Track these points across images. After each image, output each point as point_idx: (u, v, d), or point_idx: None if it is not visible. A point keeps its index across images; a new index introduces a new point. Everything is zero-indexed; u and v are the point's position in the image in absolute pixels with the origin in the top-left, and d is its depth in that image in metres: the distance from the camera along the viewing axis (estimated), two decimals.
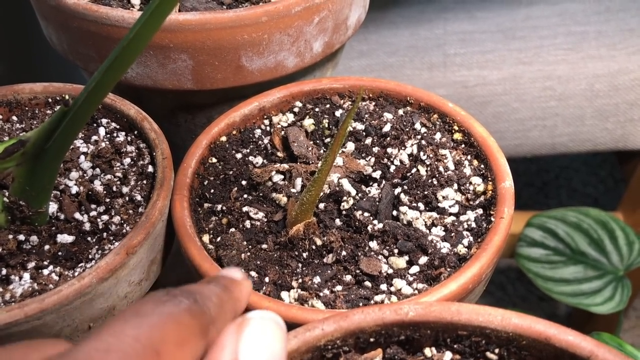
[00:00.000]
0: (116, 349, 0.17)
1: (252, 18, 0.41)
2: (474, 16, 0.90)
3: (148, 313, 0.18)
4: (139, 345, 0.17)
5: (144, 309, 0.19)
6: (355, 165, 0.40)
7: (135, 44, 0.28)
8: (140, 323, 0.18)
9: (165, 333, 0.18)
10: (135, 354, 0.17)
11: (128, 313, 0.19)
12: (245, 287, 0.24)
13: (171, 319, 0.19)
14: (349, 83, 0.45)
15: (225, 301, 0.22)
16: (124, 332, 0.17)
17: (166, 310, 0.19)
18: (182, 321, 0.19)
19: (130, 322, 0.18)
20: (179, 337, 0.18)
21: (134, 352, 0.17)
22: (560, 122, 0.85)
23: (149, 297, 0.20)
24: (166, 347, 0.18)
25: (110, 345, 0.17)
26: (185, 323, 0.19)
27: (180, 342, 0.18)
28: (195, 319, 0.19)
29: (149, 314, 0.18)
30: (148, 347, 0.17)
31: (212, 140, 0.42)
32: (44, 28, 0.48)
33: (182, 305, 0.19)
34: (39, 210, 0.36)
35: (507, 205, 0.35)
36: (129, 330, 0.17)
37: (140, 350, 0.17)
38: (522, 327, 0.27)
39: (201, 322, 0.19)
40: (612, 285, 0.78)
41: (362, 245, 0.35)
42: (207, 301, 0.21)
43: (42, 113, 0.44)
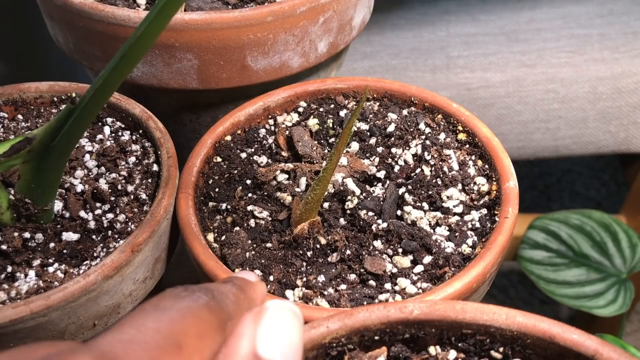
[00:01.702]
0: (139, 340, 0.17)
1: (258, 18, 0.41)
2: (477, 19, 0.90)
3: (168, 307, 0.19)
4: (160, 337, 0.17)
5: (163, 303, 0.19)
6: (360, 165, 0.40)
7: (141, 42, 0.28)
8: (161, 316, 0.18)
9: (185, 326, 0.18)
10: (157, 345, 0.17)
11: (148, 307, 0.19)
12: (260, 289, 0.24)
13: (191, 313, 0.19)
14: (354, 83, 0.45)
15: (242, 300, 0.22)
16: (146, 324, 0.18)
17: (185, 305, 0.19)
18: (201, 315, 0.19)
19: (150, 315, 0.18)
20: (198, 331, 0.19)
21: (155, 343, 0.17)
22: (563, 125, 0.85)
23: (167, 292, 0.20)
24: (187, 340, 0.18)
25: (133, 336, 0.17)
26: (204, 317, 0.19)
27: (200, 335, 0.19)
28: (214, 314, 0.20)
29: (168, 308, 0.19)
30: (169, 339, 0.17)
31: (217, 139, 0.42)
32: (50, 27, 0.48)
33: (201, 301, 0.20)
34: (45, 208, 0.36)
35: (512, 205, 0.35)
36: (150, 323, 0.18)
37: (161, 342, 0.17)
38: (527, 325, 0.27)
39: (219, 317, 0.20)
40: (615, 287, 0.78)
41: (367, 245, 0.35)
42: (224, 298, 0.21)
43: (48, 112, 0.45)
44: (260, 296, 0.24)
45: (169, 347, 0.17)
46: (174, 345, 0.17)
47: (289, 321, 0.22)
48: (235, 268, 0.35)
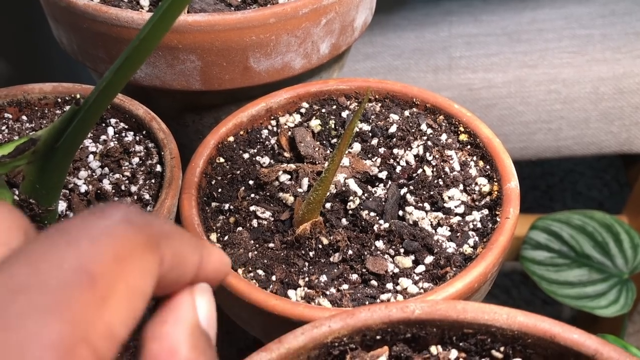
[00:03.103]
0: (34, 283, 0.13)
1: (260, 19, 0.41)
2: (479, 19, 0.90)
3: (73, 230, 0.15)
4: (63, 273, 0.13)
5: (68, 225, 0.15)
6: (362, 165, 0.41)
7: (145, 44, 0.29)
8: (64, 243, 0.14)
9: (97, 250, 0.14)
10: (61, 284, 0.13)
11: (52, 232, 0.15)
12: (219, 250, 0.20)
13: (103, 233, 0.15)
14: (356, 84, 0.46)
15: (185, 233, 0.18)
16: (45, 258, 0.14)
17: (98, 223, 0.15)
18: (118, 232, 0.15)
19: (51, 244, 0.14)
20: (116, 253, 0.14)
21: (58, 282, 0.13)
22: (565, 125, 0.86)
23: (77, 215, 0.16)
24: (101, 267, 0.14)
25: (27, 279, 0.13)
26: (122, 234, 0.15)
27: (119, 258, 0.14)
28: (138, 229, 0.15)
29: (74, 231, 0.14)
30: (77, 272, 0.13)
31: (220, 140, 0.42)
32: (54, 29, 0.48)
33: (118, 215, 0.15)
34: (49, 208, 0.36)
35: (513, 205, 0.36)
36: (50, 255, 0.14)
37: (66, 278, 0.13)
38: (528, 325, 0.27)
39: (147, 233, 0.16)
40: (616, 288, 0.78)
41: (368, 245, 0.36)
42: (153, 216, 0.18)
43: (52, 113, 0.45)
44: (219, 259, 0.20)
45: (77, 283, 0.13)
46: (84, 278, 0.13)
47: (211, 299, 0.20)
48: (238, 268, 0.35)
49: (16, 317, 0.12)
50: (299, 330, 0.27)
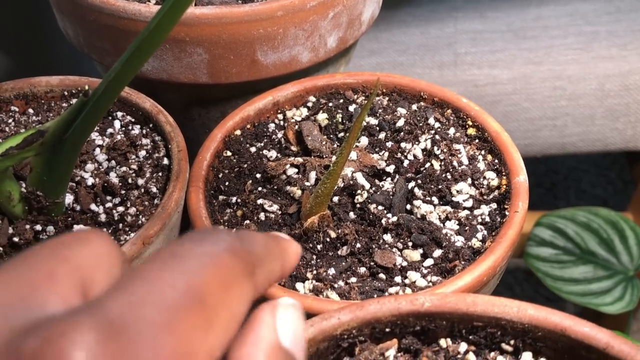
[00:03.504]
0: (152, 300, 0.14)
1: (268, 12, 0.41)
2: (485, 15, 0.90)
3: (185, 255, 0.16)
4: (177, 294, 0.15)
5: (179, 250, 0.16)
6: (369, 159, 0.40)
7: (154, 37, 0.28)
8: (177, 267, 0.15)
9: (206, 277, 0.15)
10: (175, 304, 0.14)
11: (163, 255, 0.16)
12: (293, 245, 0.22)
13: (212, 260, 0.16)
14: (363, 78, 0.45)
15: (272, 247, 0.20)
16: (160, 278, 0.15)
17: (205, 251, 0.16)
18: (224, 261, 0.16)
19: (166, 266, 0.15)
20: (224, 282, 0.16)
21: (172, 302, 0.14)
22: (570, 122, 0.85)
23: (184, 237, 0.17)
24: (210, 293, 0.15)
25: (144, 295, 0.14)
26: (228, 263, 0.16)
27: (224, 286, 0.16)
28: (239, 258, 0.17)
29: (185, 256, 0.16)
30: (189, 295, 0.15)
31: (227, 133, 0.42)
32: (60, 21, 0.48)
33: (223, 244, 0.17)
34: (56, 200, 0.36)
35: (522, 199, 0.35)
36: (165, 276, 0.15)
37: (179, 299, 0.15)
38: (538, 318, 0.27)
39: (246, 262, 0.17)
40: (621, 285, 0.78)
41: (376, 238, 0.36)
42: (253, 241, 0.19)
43: (58, 106, 0.45)
44: (294, 252, 0.21)
45: (189, 305, 0.15)
46: (194, 302, 0.15)
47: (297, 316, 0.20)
48: None
49: (135, 329, 0.14)
50: (309, 323, 0.27)
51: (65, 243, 0.17)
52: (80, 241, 0.17)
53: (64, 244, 0.17)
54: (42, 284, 0.15)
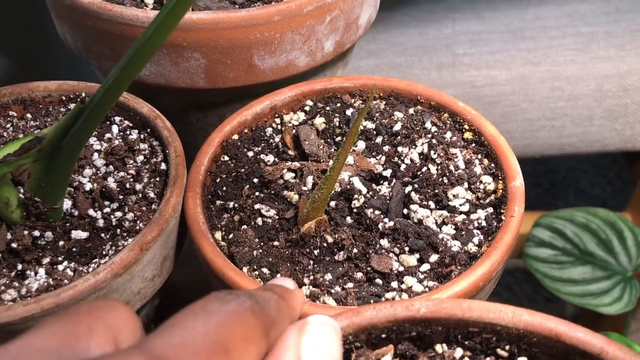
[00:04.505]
0: (189, 345, 0.17)
1: (265, 17, 0.41)
2: (483, 16, 0.90)
3: (215, 310, 0.19)
4: (209, 341, 0.18)
5: (210, 306, 0.19)
6: (366, 163, 0.41)
7: (151, 42, 0.29)
8: (209, 319, 0.18)
9: (232, 330, 0.18)
10: (207, 349, 0.17)
11: (196, 309, 0.19)
12: (299, 297, 0.25)
13: (237, 317, 0.19)
14: (360, 82, 0.46)
15: (284, 307, 0.23)
16: (195, 327, 0.18)
17: (231, 309, 0.19)
18: (247, 320, 0.19)
19: (199, 318, 0.18)
20: (245, 335, 0.19)
21: (205, 347, 0.17)
22: (568, 123, 0.85)
23: (212, 296, 0.20)
24: (234, 344, 0.18)
25: (183, 339, 0.17)
26: (249, 322, 0.19)
27: (246, 340, 0.19)
28: (259, 319, 0.20)
29: (215, 312, 0.19)
30: (218, 343, 0.18)
31: (224, 138, 0.42)
32: (58, 27, 0.48)
33: (246, 305, 0.20)
34: (54, 206, 0.36)
35: (518, 203, 0.36)
36: (199, 325, 0.18)
37: (210, 345, 0.17)
38: (533, 324, 0.27)
39: (264, 323, 0.20)
40: (620, 285, 0.78)
41: (373, 243, 0.36)
42: (267, 304, 0.21)
43: (56, 111, 0.45)
44: (299, 304, 0.25)
45: (217, 351, 0.18)
46: (222, 349, 0.18)
47: (330, 336, 0.22)
48: (242, 266, 0.35)
49: None
50: None
51: (98, 306, 0.20)
52: (111, 306, 0.20)
53: (97, 307, 0.20)
54: (84, 335, 0.18)
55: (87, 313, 0.19)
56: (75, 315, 0.19)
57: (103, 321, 0.19)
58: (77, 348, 0.18)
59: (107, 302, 0.21)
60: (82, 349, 0.18)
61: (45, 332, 0.18)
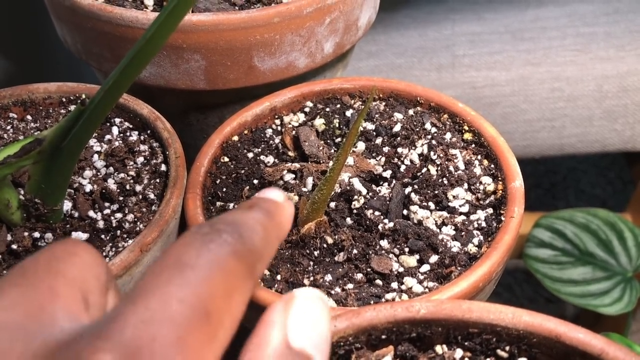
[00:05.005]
0: (162, 318, 0.15)
1: (265, 19, 0.42)
2: (482, 17, 0.90)
3: (191, 264, 0.17)
4: (186, 309, 0.15)
5: (185, 258, 0.17)
6: (366, 164, 0.41)
7: (151, 44, 0.29)
8: (185, 280, 0.16)
9: (212, 288, 0.16)
10: (184, 319, 0.15)
11: (169, 263, 0.17)
12: (288, 210, 0.22)
13: (217, 268, 0.17)
14: (360, 83, 0.46)
15: (270, 230, 0.20)
16: (169, 293, 0.16)
17: (211, 257, 0.17)
18: (229, 268, 0.17)
19: (173, 280, 0.16)
20: (227, 288, 0.17)
21: (182, 317, 0.15)
22: (568, 123, 0.85)
23: (189, 237, 0.18)
24: (215, 304, 0.16)
25: (155, 313, 0.15)
26: (232, 269, 0.17)
27: (228, 294, 0.17)
28: (242, 260, 0.18)
29: (191, 266, 0.16)
30: (196, 309, 0.15)
31: (224, 139, 0.42)
32: (58, 29, 0.49)
33: (227, 247, 0.18)
34: (54, 208, 0.36)
35: (518, 204, 0.36)
36: (173, 290, 0.16)
37: (188, 314, 0.15)
38: (533, 324, 0.27)
39: (248, 263, 0.18)
40: (620, 286, 0.78)
41: (373, 244, 0.36)
42: (253, 235, 0.19)
43: (57, 112, 0.45)
44: (289, 219, 0.22)
45: (197, 319, 0.15)
46: (201, 314, 0.15)
47: (319, 310, 0.20)
48: None
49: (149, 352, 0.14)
50: None
51: (55, 257, 0.18)
52: (69, 253, 0.18)
53: (55, 257, 0.18)
54: (47, 301, 0.16)
55: (45, 270, 0.17)
56: (33, 276, 0.17)
57: (64, 276, 0.17)
58: (42, 319, 0.16)
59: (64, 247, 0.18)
60: (47, 319, 0.16)
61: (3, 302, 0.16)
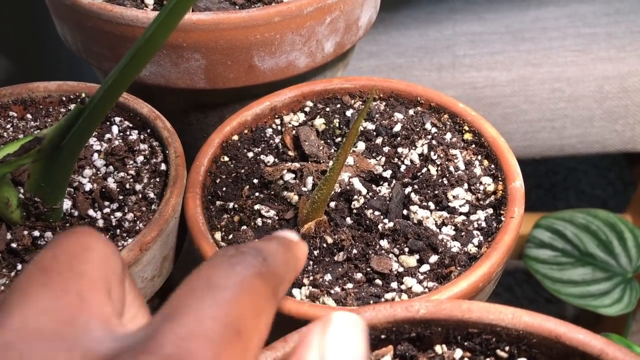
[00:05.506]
0: (198, 334, 0.16)
1: (265, 18, 0.41)
2: (483, 17, 0.90)
3: (221, 285, 0.18)
4: (219, 326, 0.16)
5: (215, 279, 0.18)
6: (366, 164, 0.41)
7: (151, 43, 0.29)
8: (217, 300, 0.17)
9: (242, 307, 0.17)
10: (218, 337, 0.16)
11: (200, 284, 0.18)
12: (303, 249, 0.24)
13: (245, 290, 0.18)
14: (360, 83, 0.46)
15: (290, 260, 0.22)
16: (203, 312, 0.16)
17: (239, 279, 0.18)
18: (255, 289, 0.18)
19: (205, 299, 0.17)
20: (255, 309, 0.18)
21: (216, 335, 0.16)
22: (569, 124, 0.85)
23: (217, 260, 0.19)
24: (245, 323, 0.17)
25: (192, 330, 0.16)
26: (258, 291, 0.18)
27: (256, 314, 0.18)
28: (267, 282, 0.19)
29: (222, 287, 0.17)
30: (229, 327, 0.16)
31: (224, 139, 0.42)
32: (59, 27, 0.48)
33: (252, 269, 0.19)
34: (54, 206, 0.36)
35: (518, 204, 0.36)
36: (206, 309, 0.17)
37: (222, 332, 0.16)
38: (533, 325, 0.27)
39: (272, 285, 0.19)
40: (620, 287, 0.78)
41: (373, 244, 0.36)
42: (274, 259, 0.20)
43: (56, 111, 0.45)
44: (304, 256, 0.24)
45: (229, 336, 0.16)
46: (233, 332, 0.16)
47: (356, 334, 0.20)
48: None
49: None
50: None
51: (74, 255, 0.18)
52: (85, 248, 0.19)
53: (74, 256, 0.18)
54: (78, 309, 0.17)
55: (68, 272, 0.17)
56: (58, 278, 0.17)
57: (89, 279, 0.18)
58: (76, 328, 0.16)
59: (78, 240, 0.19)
60: (81, 328, 0.16)
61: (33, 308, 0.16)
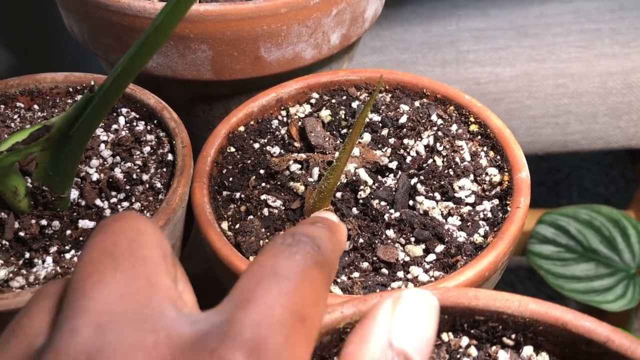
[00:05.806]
0: (271, 321, 0.17)
1: (272, 9, 0.42)
2: (487, 13, 0.90)
3: (285, 274, 0.18)
4: (288, 314, 0.17)
5: (279, 269, 0.19)
6: (372, 155, 0.41)
7: (159, 33, 0.29)
8: (283, 290, 0.18)
9: (305, 296, 0.18)
10: (288, 323, 0.17)
11: (266, 271, 0.18)
12: (344, 229, 0.24)
13: (307, 279, 0.19)
14: (366, 75, 0.46)
15: (336, 244, 0.22)
16: (272, 300, 0.17)
17: (300, 269, 0.19)
18: (315, 278, 0.19)
19: (273, 289, 0.18)
20: (315, 297, 0.18)
21: (286, 321, 0.17)
22: (572, 120, 0.85)
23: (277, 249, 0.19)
24: (308, 310, 0.18)
25: (265, 317, 0.17)
26: (317, 279, 0.19)
27: (316, 301, 0.18)
28: (323, 271, 0.19)
29: (286, 277, 0.18)
30: (296, 315, 0.17)
31: (231, 130, 0.42)
32: (65, 18, 0.49)
33: (310, 258, 0.19)
34: (62, 195, 0.37)
35: (523, 195, 0.36)
36: (275, 298, 0.17)
37: (290, 319, 0.17)
38: (539, 312, 0.27)
39: (327, 273, 0.20)
40: (623, 283, 0.78)
41: (379, 234, 0.36)
42: (327, 247, 0.21)
43: (63, 102, 0.45)
44: (344, 237, 0.24)
45: (297, 323, 0.17)
46: (300, 319, 0.17)
47: (427, 313, 0.20)
48: (249, 256, 0.35)
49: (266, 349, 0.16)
50: None
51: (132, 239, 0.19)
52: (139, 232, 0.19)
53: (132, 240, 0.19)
54: (150, 291, 0.18)
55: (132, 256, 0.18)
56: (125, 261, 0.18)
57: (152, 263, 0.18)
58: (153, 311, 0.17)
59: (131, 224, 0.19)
60: (157, 311, 0.17)
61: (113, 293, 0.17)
